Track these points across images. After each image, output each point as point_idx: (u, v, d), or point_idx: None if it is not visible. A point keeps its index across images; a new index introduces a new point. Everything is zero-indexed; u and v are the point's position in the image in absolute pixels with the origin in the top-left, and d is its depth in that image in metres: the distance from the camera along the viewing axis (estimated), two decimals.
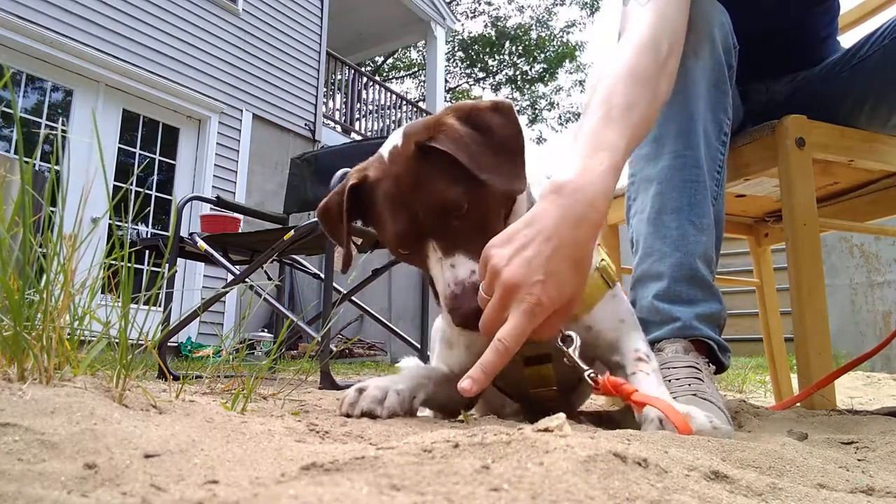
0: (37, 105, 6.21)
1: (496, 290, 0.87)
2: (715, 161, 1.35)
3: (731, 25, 1.41)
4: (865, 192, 1.80)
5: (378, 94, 10.77)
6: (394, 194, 0.98)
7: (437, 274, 0.97)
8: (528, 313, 0.86)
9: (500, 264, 0.88)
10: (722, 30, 1.36)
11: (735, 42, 1.41)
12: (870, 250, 5.92)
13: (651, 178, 1.34)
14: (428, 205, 0.96)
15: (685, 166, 1.30)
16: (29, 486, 0.41)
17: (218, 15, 7.50)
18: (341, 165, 2.61)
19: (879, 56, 1.47)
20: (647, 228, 1.32)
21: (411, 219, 0.97)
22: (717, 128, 1.35)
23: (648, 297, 1.30)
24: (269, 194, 7.72)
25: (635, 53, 1.10)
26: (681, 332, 1.24)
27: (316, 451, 0.63)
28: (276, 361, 3.26)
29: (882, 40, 1.47)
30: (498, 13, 22.28)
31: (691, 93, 1.32)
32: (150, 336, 0.84)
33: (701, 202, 1.29)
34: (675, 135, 1.31)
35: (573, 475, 0.43)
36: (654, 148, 1.34)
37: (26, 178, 0.71)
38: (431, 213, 0.96)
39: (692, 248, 1.27)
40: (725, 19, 1.38)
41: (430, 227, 0.97)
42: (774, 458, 0.67)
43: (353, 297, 3.03)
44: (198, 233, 2.92)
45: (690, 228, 1.28)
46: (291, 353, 6.38)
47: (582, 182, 0.92)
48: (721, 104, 1.36)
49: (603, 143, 0.96)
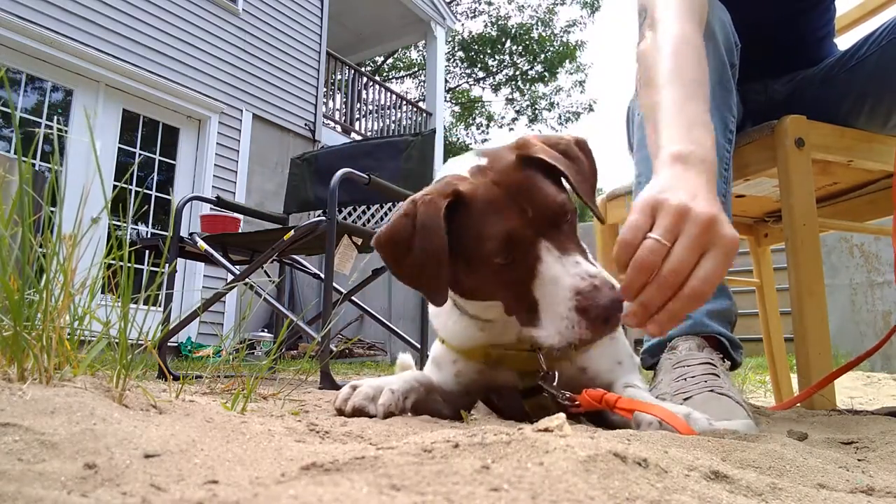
0: (37, 105, 6.21)
1: (690, 228, 0.79)
2: (722, 160, 1.35)
3: (731, 23, 1.41)
4: (865, 192, 1.80)
5: (378, 94, 10.77)
6: (502, 198, 0.92)
7: (558, 272, 0.88)
8: (727, 255, 0.79)
9: (686, 201, 0.80)
10: (723, 28, 1.36)
11: (737, 40, 1.41)
12: (870, 250, 5.92)
13: None
14: (541, 204, 0.92)
15: None
16: (29, 486, 0.41)
17: (218, 15, 7.49)
18: (341, 165, 2.61)
19: (878, 57, 1.47)
20: None
21: (523, 218, 0.91)
22: (723, 125, 1.36)
23: None
24: (269, 194, 7.72)
25: (681, 22, 1.11)
26: (693, 329, 1.25)
27: (316, 451, 0.63)
28: (276, 361, 3.26)
29: (881, 41, 1.47)
30: (498, 13, 22.29)
31: None
32: (150, 336, 0.84)
33: None
34: None
35: (573, 475, 0.43)
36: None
37: (25, 177, 0.71)
38: (544, 213, 0.91)
39: None
40: (726, 17, 1.39)
41: (543, 226, 0.91)
42: (774, 458, 0.67)
43: (353, 297, 3.03)
44: (198, 233, 2.92)
45: None
46: (291, 353, 6.38)
47: (702, 154, 0.90)
48: (726, 102, 1.36)
49: (695, 119, 0.96)
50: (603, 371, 1.11)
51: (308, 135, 8.47)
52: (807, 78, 1.68)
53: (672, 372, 1.17)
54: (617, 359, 1.14)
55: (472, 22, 22.82)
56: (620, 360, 1.14)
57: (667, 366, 1.20)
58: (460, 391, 1.19)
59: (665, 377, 1.18)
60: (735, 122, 1.40)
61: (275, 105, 8.07)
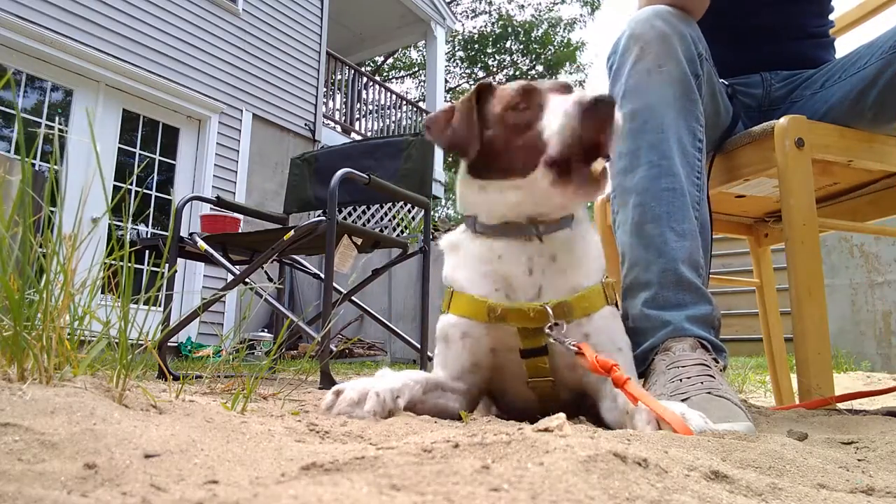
0: (37, 105, 6.21)
1: None
2: (693, 168, 1.38)
3: (696, 35, 1.44)
4: (865, 193, 1.80)
5: (378, 94, 10.77)
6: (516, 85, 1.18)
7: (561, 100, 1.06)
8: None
9: None
10: (684, 41, 1.40)
11: (701, 50, 1.44)
12: (870, 250, 5.92)
13: (630, 190, 1.37)
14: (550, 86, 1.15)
15: (661, 175, 1.34)
16: (29, 486, 0.41)
17: (218, 15, 7.49)
18: (341, 165, 2.61)
19: (883, 65, 1.45)
20: (631, 239, 1.36)
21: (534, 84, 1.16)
22: (691, 135, 1.39)
23: (638, 305, 1.32)
24: (269, 194, 7.72)
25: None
26: (672, 334, 1.25)
27: (316, 451, 0.63)
28: (276, 361, 3.26)
29: (890, 50, 1.45)
30: (499, 12, 22.28)
31: (660, 104, 1.36)
32: (150, 336, 0.83)
33: (680, 209, 1.32)
34: (649, 146, 1.36)
35: (573, 475, 0.43)
36: (630, 160, 1.38)
37: (26, 177, 0.71)
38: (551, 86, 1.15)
39: (675, 254, 1.30)
40: (689, 30, 1.42)
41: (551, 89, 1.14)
42: (774, 458, 0.67)
43: (353, 297, 3.03)
44: (198, 233, 2.92)
45: (671, 235, 1.31)
46: (291, 353, 6.38)
47: None
48: (692, 112, 1.39)
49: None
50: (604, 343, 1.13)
51: (308, 135, 8.47)
52: (807, 80, 1.68)
53: (667, 373, 1.17)
54: (618, 344, 1.16)
55: (472, 21, 22.80)
56: (621, 347, 1.16)
57: (661, 367, 1.20)
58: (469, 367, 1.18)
59: (660, 378, 1.18)
60: (703, 129, 1.43)
61: (275, 105, 8.07)
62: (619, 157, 1.40)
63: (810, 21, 1.75)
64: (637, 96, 1.38)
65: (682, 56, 1.39)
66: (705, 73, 1.45)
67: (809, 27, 1.75)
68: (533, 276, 1.15)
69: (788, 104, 1.70)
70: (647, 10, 1.43)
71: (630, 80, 1.39)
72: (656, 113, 1.36)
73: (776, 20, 1.72)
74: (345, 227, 2.51)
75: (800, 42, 1.74)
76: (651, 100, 1.37)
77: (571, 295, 1.13)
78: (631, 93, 1.39)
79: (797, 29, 1.74)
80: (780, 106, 1.72)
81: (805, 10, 1.74)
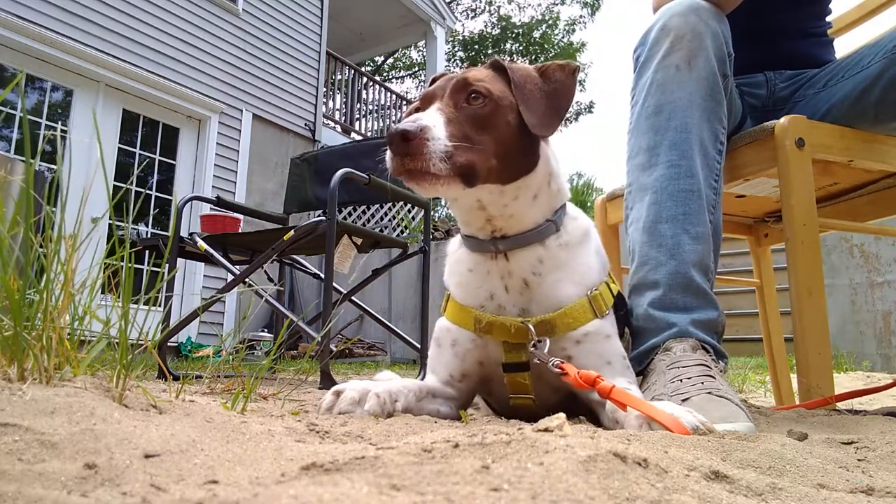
0: (37, 105, 6.21)
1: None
2: (712, 170, 1.36)
3: (727, 34, 1.41)
4: (865, 193, 1.80)
5: (378, 94, 10.77)
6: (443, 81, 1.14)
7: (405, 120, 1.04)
8: None
9: None
10: (716, 40, 1.37)
11: (731, 50, 1.42)
12: (870, 250, 5.92)
13: (647, 188, 1.35)
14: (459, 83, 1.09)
15: (680, 176, 1.32)
16: (29, 486, 0.41)
17: (218, 15, 7.49)
18: (341, 165, 2.61)
19: (886, 64, 1.45)
20: (643, 237, 1.34)
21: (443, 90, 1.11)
22: (713, 137, 1.37)
23: (644, 305, 1.31)
24: (269, 194, 7.72)
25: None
26: (676, 336, 1.24)
27: (316, 451, 0.63)
28: (276, 361, 3.26)
29: (893, 50, 1.44)
30: (499, 12, 22.27)
31: (686, 103, 1.34)
32: (150, 336, 0.83)
33: (696, 211, 1.31)
34: (670, 145, 1.33)
35: (573, 475, 0.43)
36: (649, 157, 1.36)
37: (28, 178, 0.71)
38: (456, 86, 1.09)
39: (687, 257, 1.28)
40: (721, 28, 1.39)
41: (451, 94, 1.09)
42: (774, 458, 0.67)
43: (353, 297, 3.03)
44: (198, 233, 2.92)
45: (685, 237, 1.29)
46: (291, 353, 6.38)
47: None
48: (716, 113, 1.37)
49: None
50: (591, 359, 1.11)
51: (308, 135, 8.47)
52: (811, 78, 1.68)
53: (667, 373, 1.17)
54: (606, 358, 1.13)
55: (472, 21, 22.79)
56: (610, 361, 1.13)
57: (661, 367, 1.20)
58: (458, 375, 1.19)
59: (659, 378, 1.17)
60: (725, 132, 1.41)
61: (275, 105, 8.07)
62: (637, 151, 1.38)
63: (811, 22, 1.76)
64: (662, 91, 1.35)
65: (713, 55, 1.35)
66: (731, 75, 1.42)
67: (810, 27, 1.76)
68: (510, 294, 1.14)
69: (792, 104, 1.70)
70: (683, 2, 1.38)
71: (658, 73, 1.37)
72: (681, 111, 1.33)
73: (780, 21, 1.72)
74: (345, 227, 2.51)
75: (801, 41, 1.74)
76: (676, 97, 1.33)
77: (557, 310, 1.11)
78: (657, 87, 1.36)
79: (799, 29, 1.74)
80: (783, 106, 1.72)
81: (807, 11, 1.74)
